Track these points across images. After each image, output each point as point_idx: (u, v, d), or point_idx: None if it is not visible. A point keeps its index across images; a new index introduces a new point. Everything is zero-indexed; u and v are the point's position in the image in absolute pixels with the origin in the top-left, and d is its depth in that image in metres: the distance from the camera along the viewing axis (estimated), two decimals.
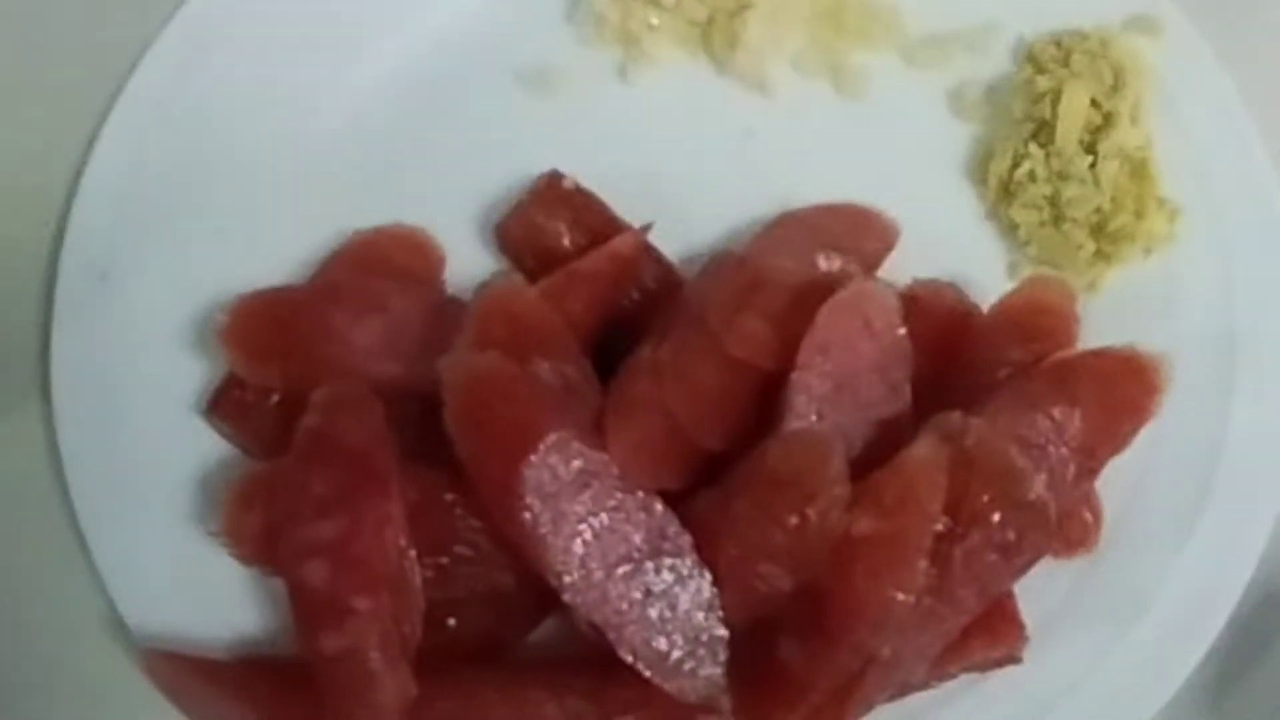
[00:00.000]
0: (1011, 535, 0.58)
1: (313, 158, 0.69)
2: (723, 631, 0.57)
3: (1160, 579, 0.63)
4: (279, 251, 0.67)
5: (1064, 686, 0.62)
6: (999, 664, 0.61)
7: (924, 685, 0.61)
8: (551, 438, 0.57)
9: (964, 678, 0.61)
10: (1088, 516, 0.63)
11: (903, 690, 0.60)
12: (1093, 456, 0.61)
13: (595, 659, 0.58)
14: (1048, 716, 0.62)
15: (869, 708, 0.59)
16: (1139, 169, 0.68)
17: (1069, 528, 0.63)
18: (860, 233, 0.67)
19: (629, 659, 0.57)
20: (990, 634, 0.60)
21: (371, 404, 0.60)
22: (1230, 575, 0.64)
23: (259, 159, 0.68)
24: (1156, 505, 0.65)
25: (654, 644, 0.57)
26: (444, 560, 0.59)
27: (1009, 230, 0.69)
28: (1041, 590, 0.62)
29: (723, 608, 0.58)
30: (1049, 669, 0.62)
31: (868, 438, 0.61)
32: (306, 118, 0.69)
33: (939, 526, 0.57)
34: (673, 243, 0.67)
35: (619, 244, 0.64)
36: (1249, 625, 0.64)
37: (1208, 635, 0.63)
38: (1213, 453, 0.65)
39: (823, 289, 0.61)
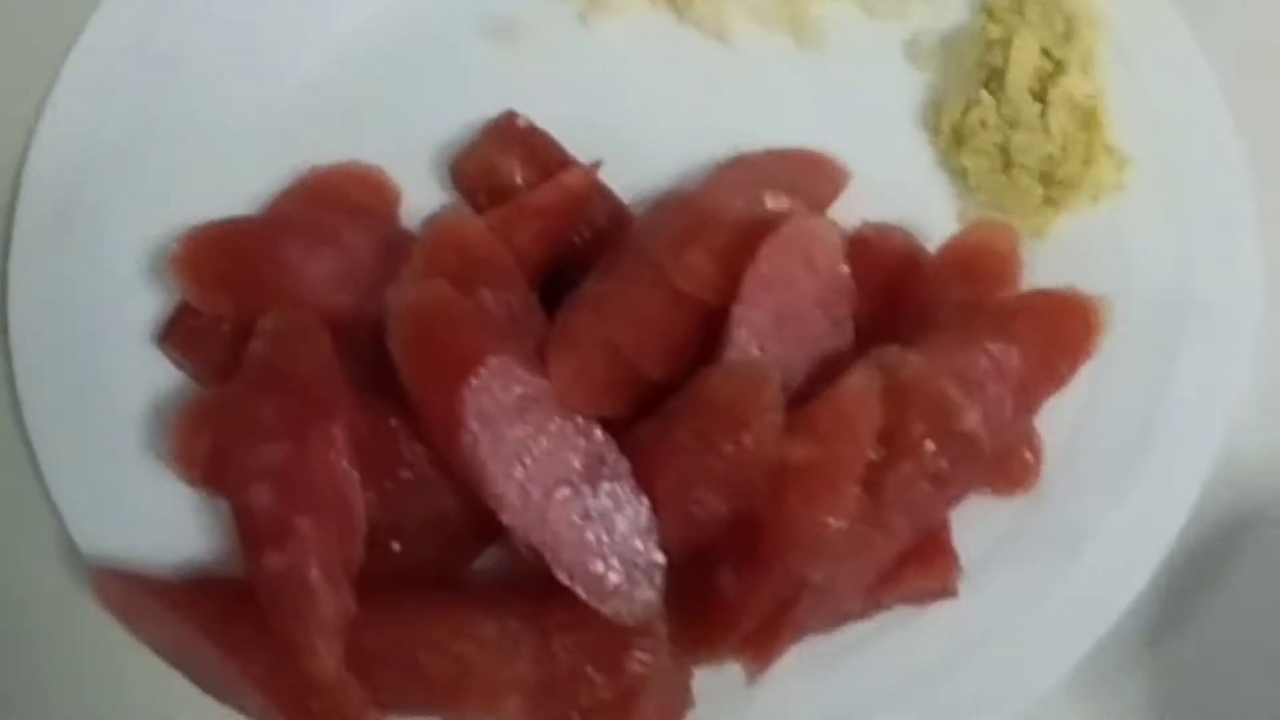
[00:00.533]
0: (944, 465, 0.58)
1: (275, 101, 0.69)
2: (659, 556, 0.58)
3: (1099, 518, 0.63)
4: (240, 192, 0.67)
5: (1000, 621, 0.62)
6: (934, 596, 0.62)
7: (860, 615, 0.61)
8: (493, 362, 0.58)
9: (900, 610, 0.62)
10: (1028, 455, 0.64)
11: (838, 620, 0.61)
12: (1031, 394, 0.62)
13: (535, 583, 0.58)
14: (982, 649, 0.62)
15: (802, 633, 0.59)
16: (1088, 117, 0.68)
17: (1009, 466, 0.63)
18: (810, 176, 0.68)
19: (566, 581, 0.57)
20: (924, 564, 0.61)
21: (317, 330, 0.61)
22: (1168, 516, 0.64)
23: (221, 101, 0.69)
24: (1099, 447, 0.65)
25: (591, 567, 0.57)
26: (388, 484, 0.60)
27: (960, 177, 0.70)
28: (981, 526, 0.63)
29: (662, 535, 0.58)
30: (985, 603, 0.62)
31: (810, 372, 0.61)
32: (269, 61, 0.70)
33: (872, 455, 0.58)
34: (631, 188, 0.68)
35: (568, 178, 0.65)
36: (1186, 565, 0.64)
37: (1143, 573, 0.63)
38: (1156, 397, 0.65)
39: (767, 226, 0.62)
